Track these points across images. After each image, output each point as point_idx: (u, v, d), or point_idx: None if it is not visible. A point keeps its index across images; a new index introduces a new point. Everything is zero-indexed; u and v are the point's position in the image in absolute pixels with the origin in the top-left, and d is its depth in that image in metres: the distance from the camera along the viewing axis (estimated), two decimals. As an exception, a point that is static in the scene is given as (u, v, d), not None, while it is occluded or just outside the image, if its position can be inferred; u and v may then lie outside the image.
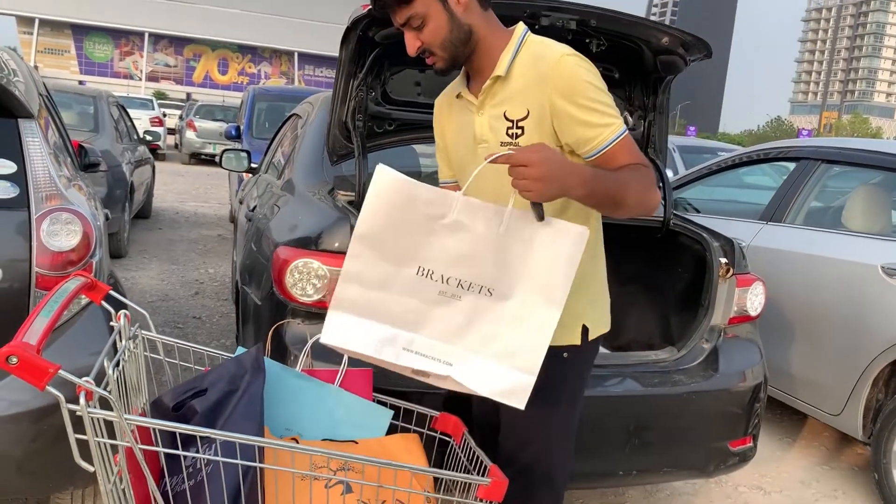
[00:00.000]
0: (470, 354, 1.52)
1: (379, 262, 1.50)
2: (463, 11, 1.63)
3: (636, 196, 1.56)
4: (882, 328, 3.25)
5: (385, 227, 1.48)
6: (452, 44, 1.64)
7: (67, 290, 1.52)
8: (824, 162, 4.05)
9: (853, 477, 3.63)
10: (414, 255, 1.49)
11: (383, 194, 1.46)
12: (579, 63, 1.60)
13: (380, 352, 1.52)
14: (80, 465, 1.31)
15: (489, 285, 1.50)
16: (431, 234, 1.48)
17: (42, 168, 2.23)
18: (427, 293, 1.51)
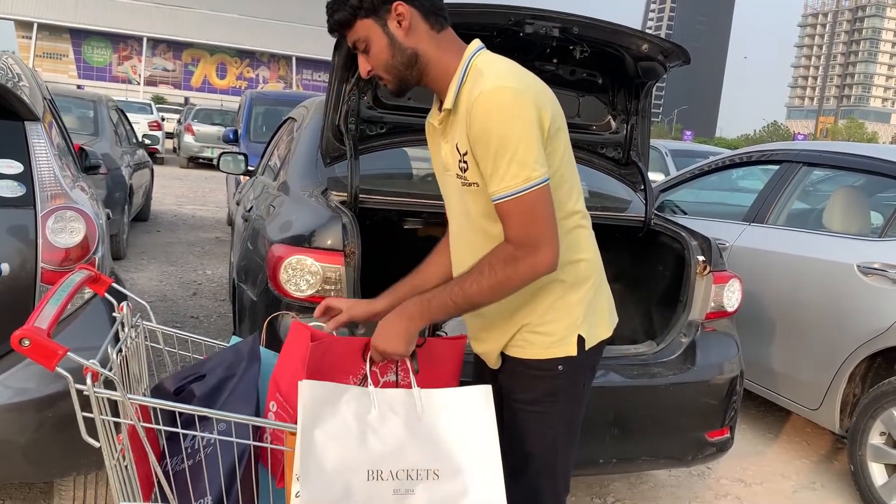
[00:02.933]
0: None
1: (331, 481, 1.43)
2: (405, 35, 1.59)
3: (483, 291, 1.54)
4: (858, 325, 3.36)
5: (323, 438, 1.45)
6: (396, 68, 1.62)
7: (73, 282, 1.62)
8: (805, 165, 4.17)
9: (831, 469, 3.74)
10: (359, 461, 1.46)
11: (311, 403, 1.45)
12: (495, 103, 1.50)
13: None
14: (87, 442, 1.42)
15: (433, 468, 1.50)
16: (365, 432, 1.48)
17: (47, 168, 2.34)
18: (384, 497, 1.46)
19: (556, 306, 1.66)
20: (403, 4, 1.58)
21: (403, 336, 1.57)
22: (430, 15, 1.61)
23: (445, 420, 1.54)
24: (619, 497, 3.20)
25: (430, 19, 1.62)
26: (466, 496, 1.50)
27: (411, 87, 1.68)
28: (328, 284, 2.45)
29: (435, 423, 1.54)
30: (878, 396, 3.23)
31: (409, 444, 1.51)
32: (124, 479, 1.53)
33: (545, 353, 1.67)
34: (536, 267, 1.53)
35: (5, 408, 2.09)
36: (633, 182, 3.17)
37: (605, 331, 1.76)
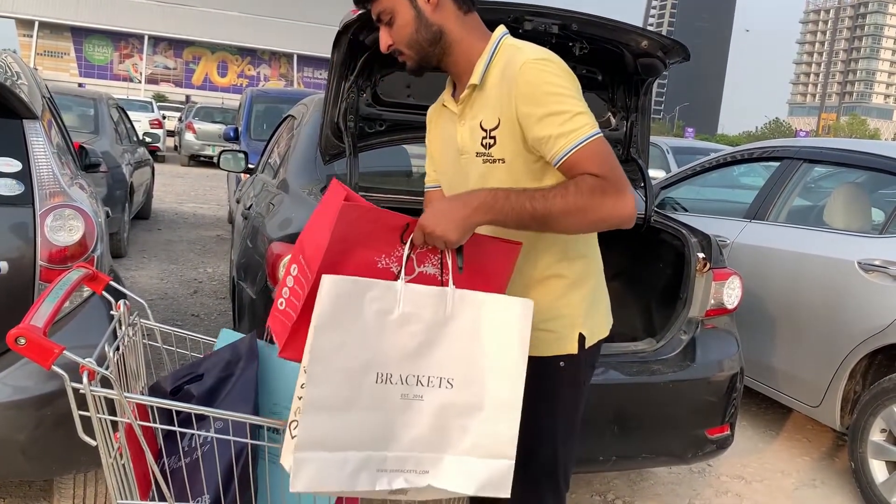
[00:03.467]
0: (444, 456, 1.44)
1: (340, 383, 1.36)
2: (432, 11, 1.58)
3: (567, 210, 1.45)
4: (858, 322, 3.36)
5: (339, 340, 1.36)
6: (419, 43, 1.60)
7: (71, 280, 1.62)
8: (806, 161, 4.16)
9: (832, 467, 3.73)
10: (370, 362, 1.38)
11: (331, 301, 1.35)
12: (544, 67, 1.52)
13: (355, 483, 1.38)
14: (84, 440, 1.41)
15: (448, 376, 1.43)
16: (383, 332, 1.39)
17: (46, 167, 2.34)
18: (390, 401, 1.40)
19: (557, 304, 1.66)
20: None
21: (461, 223, 1.42)
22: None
23: (474, 328, 1.44)
24: (620, 494, 3.20)
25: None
26: (479, 413, 1.44)
27: (430, 67, 1.65)
28: (327, 282, 2.44)
29: (461, 329, 1.44)
30: (879, 393, 3.22)
31: (427, 348, 1.42)
32: (121, 477, 1.53)
33: (547, 351, 1.66)
34: (619, 207, 1.45)
35: (4, 406, 2.09)
36: (633, 179, 3.16)
37: (605, 329, 1.77)
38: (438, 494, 1.45)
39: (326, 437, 1.35)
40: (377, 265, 1.45)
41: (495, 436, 1.44)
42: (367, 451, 1.39)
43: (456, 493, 1.43)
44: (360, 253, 1.43)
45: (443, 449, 1.43)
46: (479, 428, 1.44)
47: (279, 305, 1.55)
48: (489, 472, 1.44)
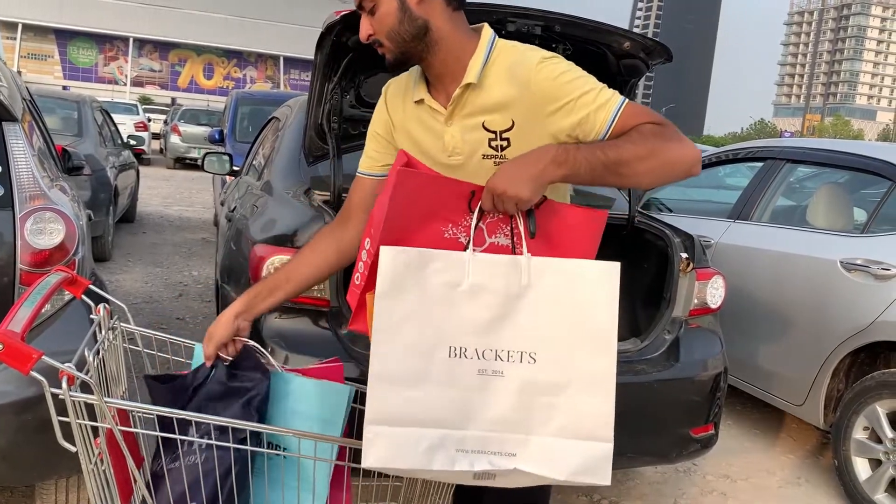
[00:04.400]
0: (531, 437, 1.33)
1: (407, 355, 1.31)
2: (418, 3, 1.50)
3: (638, 154, 1.40)
4: (841, 321, 3.38)
5: (403, 312, 1.31)
6: (401, 36, 1.52)
7: (49, 284, 1.60)
8: (789, 162, 4.19)
9: (816, 465, 3.76)
10: (441, 335, 1.32)
11: (391, 273, 1.31)
12: (557, 63, 1.52)
13: (431, 462, 1.30)
14: (63, 446, 1.40)
15: (530, 350, 1.33)
16: (452, 306, 1.33)
17: (26, 169, 2.32)
18: (466, 376, 1.32)
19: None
20: None
21: (534, 179, 1.35)
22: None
23: (555, 296, 1.34)
24: (605, 494, 3.21)
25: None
26: (567, 390, 1.33)
27: (411, 63, 1.59)
28: (311, 285, 2.43)
29: (541, 299, 1.34)
30: (862, 392, 3.24)
31: (504, 321, 1.33)
32: (102, 483, 1.51)
33: None
34: (685, 150, 1.41)
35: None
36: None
37: None
38: (529, 480, 1.34)
39: (397, 412, 1.30)
40: (444, 235, 1.41)
41: (587, 415, 1.32)
42: (444, 430, 1.31)
43: (548, 478, 1.32)
44: (425, 224, 1.40)
45: (529, 430, 1.33)
46: (569, 406, 1.32)
47: (355, 280, 1.50)
48: (583, 455, 1.32)
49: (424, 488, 1.82)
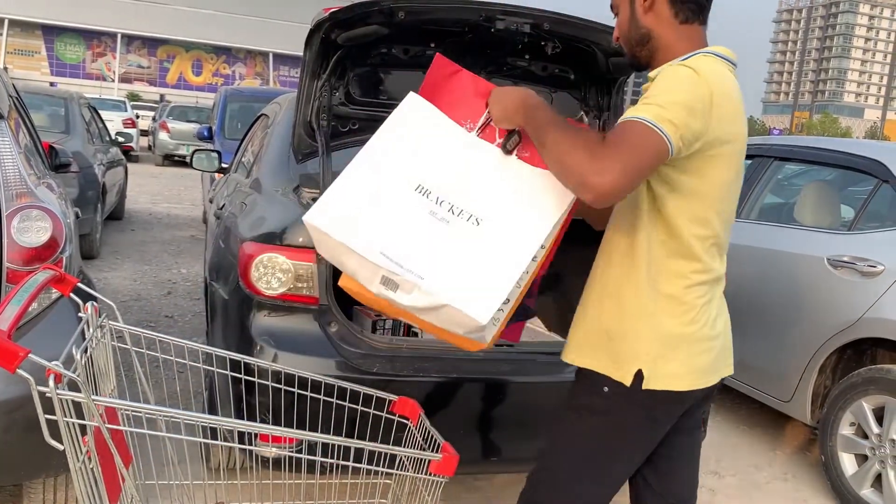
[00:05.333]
0: (444, 272, 1.52)
1: (376, 172, 1.60)
2: (644, 13, 1.60)
3: (556, 149, 1.47)
4: (828, 318, 3.41)
5: (396, 139, 1.63)
6: (629, 41, 1.65)
7: (37, 282, 1.59)
8: (777, 159, 4.21)
9: (803, 460, 3.79)
10: (417, 172, 1.59)
11: (406, 113, 1.65)
12: (675, 72, 1.50)
13: (354, 241, 1.53)
14: (51, 445, 1.39)
15: (479, 215, 1.57)
16: (439, 158, 1.61)
17: (12, 167, 2.30)
18: (418, 210, 1.56)
19: (623, 326, 1.60)
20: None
21: (505, 108, 1.59)
22: (678, 2, 1.59)
23: (518, 187, 1.59)
24: None
25: (676, 6, 1.59)
26: (490, 254, 1.54)
27: (640, 68, 1.66)
28: (300, 282, 2.43)
29: (505, 184, 1.59)
30: (848, 388, 3.27)
31: (469, 184, 1.59)
32: (90, 482, 1.51)
33: (595, 365, 1.62)
34: (589, 171, 1.40)
35: (-29, 410, 2.06)
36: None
37: (686, 382, 1.59)
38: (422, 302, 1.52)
39: (351, 200, 1.57)
40: (464, 125, 1.67)
41: (495, 271, 1.53)
42: (380, 234, 1.55)
43: (438, 302, 1.50)
44: (451, 112, 1.66)
45: (446, 269, 1.52)
46: (486, 265, 1.53)
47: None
48: (475, 294, 1.50)
49: (413, 486, 1.83)
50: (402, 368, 2.44)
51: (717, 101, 1.47)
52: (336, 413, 1.90)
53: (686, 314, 1.58)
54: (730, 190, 1.59)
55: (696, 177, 1.52)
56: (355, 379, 2.00)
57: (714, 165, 1.51)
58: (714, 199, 1.55)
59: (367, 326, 3.03)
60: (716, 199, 1.55)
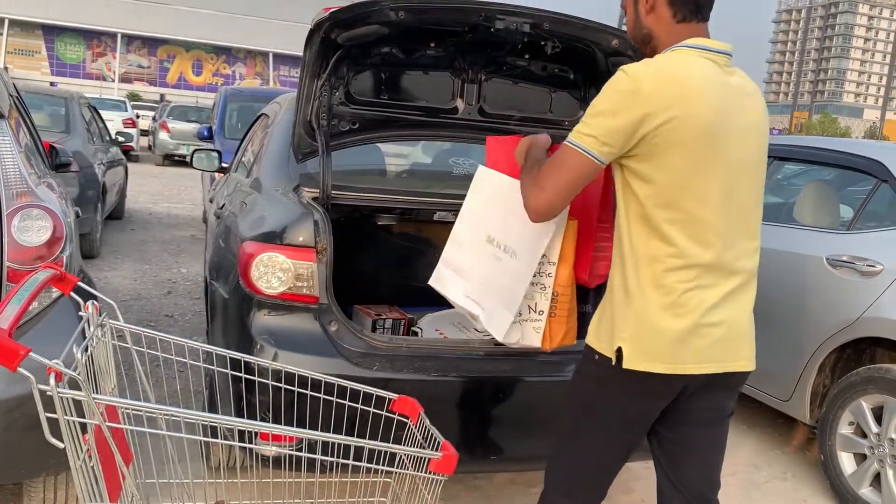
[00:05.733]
0: (492, 302, 2.14)
1: (469, 227, 2.18)
2: (646, 14, 1.75)
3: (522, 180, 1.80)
4: (827, 317, 3.41)
5: (480, 206, 2.19)
6: (636, 40, 1.82)
7: (37, 281, 1.60)
8: (776, 159, 4.21)
9: (802, 459, 3.80)
10: (491, 226, 2.14)
11: (479, 185, 2.22)
12: (612, 78, 1.66)
13: (457, 296, 2.22)
14: (51, 443, 1.40)
15: (513, 248, 2.08)
16: (506, 211, 2.05)
17: (13, 166, 2.31)
18: (487, 254, 2.13)
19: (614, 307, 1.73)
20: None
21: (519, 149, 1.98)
22: (677, 3, 1.70)
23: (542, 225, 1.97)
24: None
25: (675, 6, 1.71)
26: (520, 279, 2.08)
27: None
28: (300, 281, 2.44)
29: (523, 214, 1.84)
30: (847, 387, 3.28)
31: (516, 227, 2.04)
32: (90, 480, 1.51)
33: (593, 340, 1.78)
34: (527, 198, 1.73)
35: (-28, 409, 2.06)
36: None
37: (661, 365, 1.66)
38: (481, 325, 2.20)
39: (450, 261, 2.26)
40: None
41: (512, 294, 2.11)
42: (464, 280, 2.21)
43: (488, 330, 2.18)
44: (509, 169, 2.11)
45: (494, 298, 2.14)
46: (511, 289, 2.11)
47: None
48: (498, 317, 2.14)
49: (413, 484, 1.83)
50: (401, 367, 2.45)
51: (652, 91, 1.58)
52: (336, 412, 1.90)
53: (665, 297, 1.65)
54: (700, 169, 1.62)
55: (650, 163, 1.62)
56: (355, 378, 2.00)
57: (664, 150, 1.60)
58: (677, 182, 1.62)
59: (366, 325, 3.04)
60: (679, 181, 1.62)
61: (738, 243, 1.71)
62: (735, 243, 1.70)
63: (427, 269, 3.65)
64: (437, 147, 4.19)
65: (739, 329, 1.77)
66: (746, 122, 1.70)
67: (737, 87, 1.70)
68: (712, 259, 1.66)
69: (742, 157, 1.68)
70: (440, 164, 4.17)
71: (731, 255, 1.70)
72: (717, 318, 1.69)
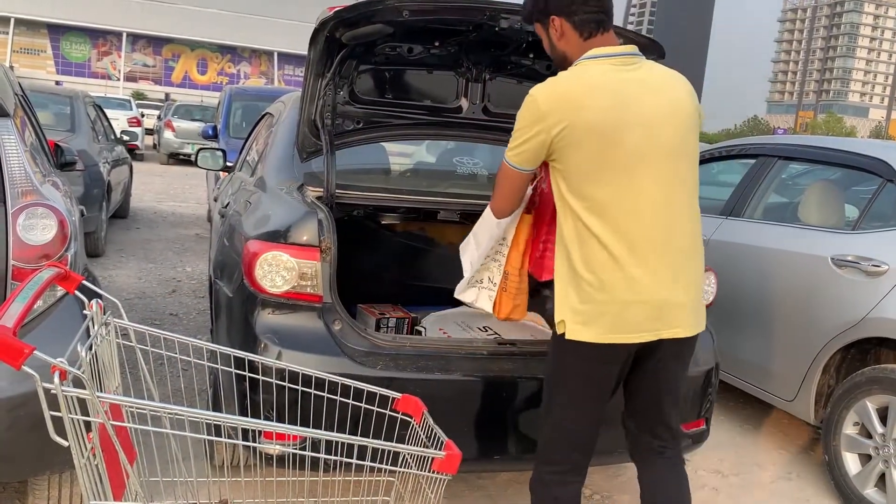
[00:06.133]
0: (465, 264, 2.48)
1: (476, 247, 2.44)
2: (558, 40, 2.03)
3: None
4: (832, 317, 3.40)
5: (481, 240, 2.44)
6: (555, 62, 2.09)
7: (42, 279, 1.60)
8: (781, 158, 4.20)
9: (807, 460, 3.78)
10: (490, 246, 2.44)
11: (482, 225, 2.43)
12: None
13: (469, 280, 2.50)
14: (55, 441, 1.40)
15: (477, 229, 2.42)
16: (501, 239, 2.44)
17: (18, 165, 2.31)
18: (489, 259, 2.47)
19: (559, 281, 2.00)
20: (557, 18, 2.00)
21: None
22: (580, 25, 1.99)
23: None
24: (597, 489, 3.22)
25: (579, 28, 1.99)
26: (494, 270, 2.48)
27: None
28: (304, 280, 2.44)
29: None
30: (852, 387, 3.27)
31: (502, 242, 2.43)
32: (95, 478, 1.51)
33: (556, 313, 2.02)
34: (490, 203, 2.22)
35: (-23, 407, 2.06)
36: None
37: (598, 335, 1.93)
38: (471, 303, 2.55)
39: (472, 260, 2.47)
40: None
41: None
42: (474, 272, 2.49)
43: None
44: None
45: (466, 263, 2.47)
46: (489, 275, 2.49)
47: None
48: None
49: (416, 483, 1.83)
50: (405, 366, 2.45)
51: (547, 108, 1.90)
52: (339, 410, 1.91)
53: (591, 275, 1.93)
54: (600, 162, 1.90)
55: (560, 161, 1.94)
56: (359, 376, 2.00)
57: (569, 150, 1.90)
58: (583, 173, 1.91)
59: (370, 324, 3.04)
60: (585, 172, 1.91)
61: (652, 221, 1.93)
62: (648, 222, 1.93)
63: (431, 267, 3.66)
64: (441, 146, 4.20)
65: (660, 300, 1.95)
66: (650, 113, 1.93)
67: (638, 81, 1.95)
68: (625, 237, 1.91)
69: (647, 143, 1.91)
70: (444, 163, 4.17)
71: (647, 234, 1.93)
72: (638, 292, 1.92)
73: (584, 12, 1.97)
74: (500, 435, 2.61)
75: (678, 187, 1.97)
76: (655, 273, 1.92)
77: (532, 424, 2.60)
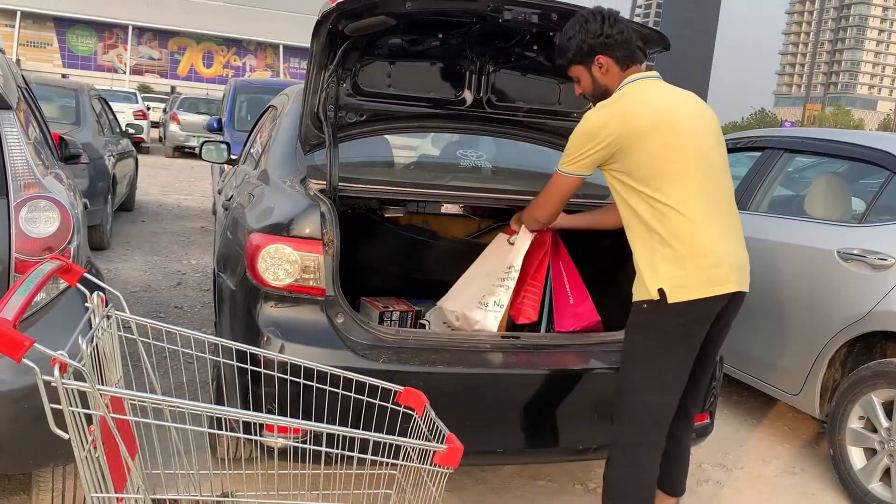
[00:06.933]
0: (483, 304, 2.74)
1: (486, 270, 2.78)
2: (602, 76, 2.33)
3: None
4: (837, 311, 3.38)
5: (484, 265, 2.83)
6: (593, 96, 2.39)
7: (43, 272, 1.60)
8: (787, 151, 4.18)
9: (811, 454, 3.77)
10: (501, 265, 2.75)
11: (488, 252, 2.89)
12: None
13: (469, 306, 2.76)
14: (56, 433, 1.40)
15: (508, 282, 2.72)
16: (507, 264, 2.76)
17: (20, 157, 2.31)
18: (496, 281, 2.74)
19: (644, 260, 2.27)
20: (603, 56, 2.32)
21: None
22: (620, 60, 2.32)
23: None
24: (600, 482, 3.20)
25: (620, 62, 2.32)
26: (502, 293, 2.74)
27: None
28: (306, 273, 2.44)
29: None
30: (857, 381, 3.25)
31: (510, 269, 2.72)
32: (96, 471, 1.51)
33: (636, 295, 2.30)
34: (531, 212, 2.61)
35: (-20, 400, 2.07)
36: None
37: (700, 291, 2.21)
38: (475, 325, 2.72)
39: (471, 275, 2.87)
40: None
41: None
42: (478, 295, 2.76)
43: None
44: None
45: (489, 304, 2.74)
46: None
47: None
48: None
49: (418, 477, 1.83)
50: (408, 360, 2.45)
51: (616, 117, 2.22)
52: (342, 404, 1.90)
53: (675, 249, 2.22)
54: (671, 157, 2.21)
55: (621, 162, 2.24)
56: (362, 370, 2.00)
57: (629, 151, 2.21)
58: (648, 166, 2.21)
59: (373, 318, 3.04)
60: (651, 164, 2.21)
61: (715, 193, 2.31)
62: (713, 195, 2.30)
63: (434, 261, 3.65)
64: (444, 139, 4.18)
65: (735, 259, 2.35)
66: (689, 113, 2.29)
67: (670, 89, 2.34)
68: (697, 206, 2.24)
69: (695, 132, 2.26)
70: (448, 156, 4.15)
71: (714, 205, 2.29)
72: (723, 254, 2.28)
73: (624, 48, 2.32)
74: (503, 428, 2.61)
75: (721, 168, 2.34)
76: (728, 237, 2.29)
77: (535, 418, 2.59)
